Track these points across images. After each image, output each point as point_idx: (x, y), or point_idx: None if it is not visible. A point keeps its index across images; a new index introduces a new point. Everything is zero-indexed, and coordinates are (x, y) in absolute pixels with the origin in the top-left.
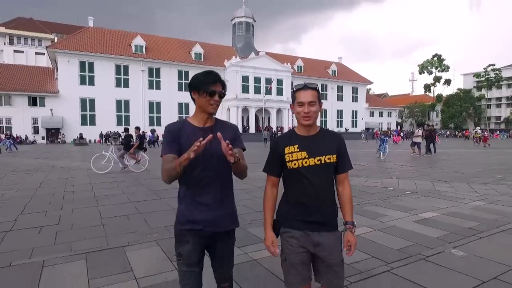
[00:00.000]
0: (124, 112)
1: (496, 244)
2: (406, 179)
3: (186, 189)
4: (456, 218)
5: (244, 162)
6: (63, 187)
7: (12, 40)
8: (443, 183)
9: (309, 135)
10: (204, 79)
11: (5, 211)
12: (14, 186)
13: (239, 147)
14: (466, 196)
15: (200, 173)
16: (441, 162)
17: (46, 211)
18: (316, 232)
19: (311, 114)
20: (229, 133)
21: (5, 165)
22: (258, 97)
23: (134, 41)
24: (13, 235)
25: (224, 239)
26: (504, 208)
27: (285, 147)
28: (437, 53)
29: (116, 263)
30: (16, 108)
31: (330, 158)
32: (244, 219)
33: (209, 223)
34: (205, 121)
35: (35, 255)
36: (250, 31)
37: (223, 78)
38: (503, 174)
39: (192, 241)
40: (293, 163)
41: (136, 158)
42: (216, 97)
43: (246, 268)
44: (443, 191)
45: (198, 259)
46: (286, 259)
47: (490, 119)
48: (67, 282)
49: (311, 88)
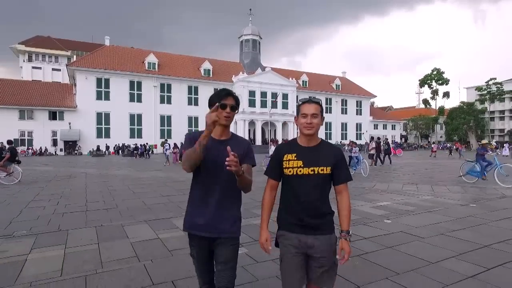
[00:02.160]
0: (137, 125)
1: (416, 218)
2: (382, 182)
3: (193, 194)
4: (402, 205)
5: (249, 178)
6: (105, 187)
7: (31, 57)
8: (411, 185)
9: (308, 146)
10: (218, 93)
11: (74, 201)
12: (66, 186)
13: (249, 162)
14: (422, 193)
15: (207, 180)
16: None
17: (104, 201)
18: (310, 236)
19: (313, 125)
20: (241, 148)
21: (45, 172)
22: (264, 111)
23: (147, 59)
24: (92, 213)
25: (224, 243)
26: (443, 200)
27: (285, 154)
28: (435, 67)
29: (165, 224)
30: (37, 122)
31: (324, 170)
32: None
33: (209, 228)
34: (220, 134)
35: (114, 221)
36: (257, 48)
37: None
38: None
39: (198, 244)
40: (289, 170)
41: (7, 171)
42: (227, 109)
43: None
44: (407, 190)
45: (205, 259)
46: (283, 261)
47: (494, 131)
48: (141, 232)
49: (314, 102)
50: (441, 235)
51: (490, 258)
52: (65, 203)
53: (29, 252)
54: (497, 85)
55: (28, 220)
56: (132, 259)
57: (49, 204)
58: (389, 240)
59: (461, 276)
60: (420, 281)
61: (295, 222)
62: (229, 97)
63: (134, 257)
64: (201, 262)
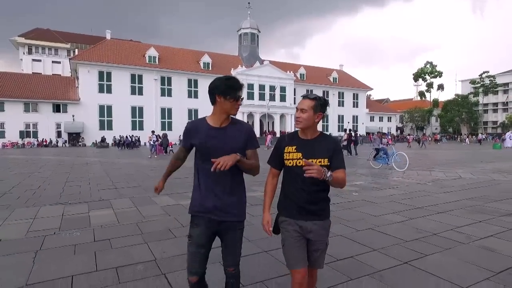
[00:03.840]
0: (138, 117)
1: (379, 192)
2: (363, 168)
3: (201, 179)
4: (371, 184)
5: (252, 162)
6: (121, 172)
7: (31, 50)
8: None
9: (307, 138)
10: (233, 85)
11: (102, 182)
12: (88, 172)
13: (252, 146)
14: (394, 175)
15: (209, 165)
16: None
17: (127, 181)
18: (308, 222)
19: (300, 119)
20: (242, 134)
21: (61, 161)
22: (262, 104)
23: (148, 52)
24: (121, 190)
25: (232, 227)
26: (410, 180)
27: (286, 146)
28: (428, 61)
29: (182, 196)
30: (42, 114)
31: (321, 162)
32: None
33: (218, 211)
34: (222, 122)
35: (141, 194)
36: (255, 41)
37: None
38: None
39: (203, 225)
40: (289, 162)
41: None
42: (240, 102)
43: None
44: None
45: (206, 242)
46: (285, 244)
47: (487, 123)
48: (165, 201)
49: (309, 98)
50: (392, 202)
51: (415, 213)
52: (96, 183)
53: (88, 212)
54: (490, 78)
55: (73, 194)
56: (164, 215)
57: (82, 184)
58: (351, 204)
59: (393, 222)
60: (362, 224)
61: (295, 209)
62: (242, 88)
63: (165, 214)
64: (198, 245)
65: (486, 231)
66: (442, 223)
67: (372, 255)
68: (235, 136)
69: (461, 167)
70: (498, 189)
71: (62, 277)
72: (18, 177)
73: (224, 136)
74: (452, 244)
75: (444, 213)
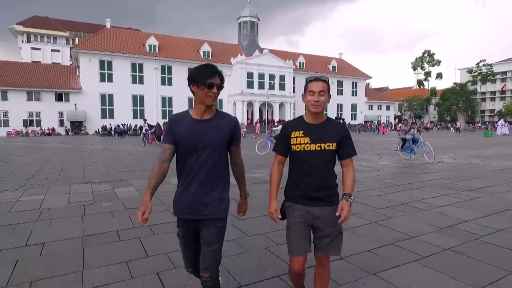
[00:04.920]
0: (139, 106)
1: (366, 173)
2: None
3: (180, 177)
4: (362, 167)
5: (242, 174)
6: (132, 157)
7: (30, 38)
8: (376, 156)
9: (315, 123)
10: (202, 72)
11: (117, 165)
12: (100, 157)
13: (237, 142)
14: (382, 160)
15: (191, 162)
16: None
17: (139, 165)
18: (316, 207)
19: (320, 103)
20: (227, 126)
21: (71, 149)
22: (262, 92)
23: (148, 41)
24: (137, 172)
25: (207, 225)
26: (389, 163)
27: (292, 131)
28: (425, 49)
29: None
30: (44, 103)
31: (330, 146)
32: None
33: (192, 210)
34: (202, 113)
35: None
36: (255, 30)
37: (228, 74)
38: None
39: (184, 226)
40: (296, 147)
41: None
42: (214, 89)
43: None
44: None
45: (190, 241)
46: (289, 229)
47: (484, 112)
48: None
49: (322, 80)
50: (376, 181)
51: (392, 189)
52: (111, 167)
53: (113, 189)
54: (487, 66)
55: (94, 175)
56: None
57: (100, 167)
58: (340, 183)
59: (372, 196)
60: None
61: (303, 194)
62: (216, 75)
63: None
64: (186, 244)
65: (446, 202)
66: (412, 196)
67: (350, 218)
68: (219, 129)
69: (446, 153)
70: (472, 171)
71: (110, 231)
72: (38, 162)
73: (207, 129)
74: (415, 210)
75: (417, 189)
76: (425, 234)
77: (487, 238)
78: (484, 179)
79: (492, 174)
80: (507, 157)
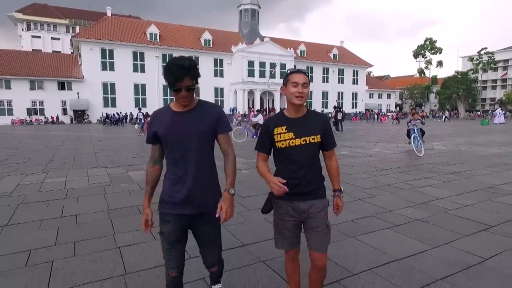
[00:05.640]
0: (141, 95)
1: (359, 159)
2: (351, 141)
3: (168, 172)
4: (356, 154)
5: (232, 168)
6: (140, 142)
7: (29, 26)
8: (371, 143)
9: (296, 117)
10: (169, 76)
11: (126, 152)
12: (108, 145)
13: (224, 130)
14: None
15: (176, 156)
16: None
17: (146, 151)
18: (302, 202)
19: (304, 95)
20: (210, 117)
21: (79, 137)
22: (263, 81)
23: (149, 30)
24: (147, 158)
25: (205, 221)
26: (383, 151)
27: (275, 127)
28: (427, 37)
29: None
30: (47, 92)
31: (314, 139)
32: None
33: (187, 205)
34: (184, 106)
35: None
36: (256, 17)
37: (229, 62)
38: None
39: (173, 221)
40: (281, 143)
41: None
42: (183, 92)
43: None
44: (366, 145)
45: (178, 239)
46: (277, 225)
47: (485, 100)
48: None
49: (303, 72)
50: (366, 166)
51: (380, 173)
52: (121, 153)
53: (126, 172)
54: (488, 54)
55: (106, 161)
56: None
57: (110, 154)
58: None
59: (360, 178)
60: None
61: (290, 190)
62: (185, 78)
63: None
64: (171, 242)
65: (426, 183)
66: (397, 178)
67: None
68: (201, 119)
69: (439, 140)
70: (459, 157)
71: (130, 206)
72: (51, 149)
73: (188, 120)
74: (397, 190)
75: (403, 172)
76: (402, 209)
77: (453, 212)
78: (466, 164)
79: (475, 159)
80: (495, 144)
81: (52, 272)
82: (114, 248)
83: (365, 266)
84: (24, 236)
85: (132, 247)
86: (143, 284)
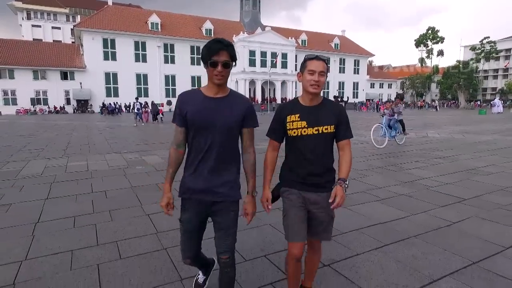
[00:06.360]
0: (143, 84)
1: (355, 145)
2: None
3: (189, 158)
4: (353, 141)
5: (252, 166)
6: (146, 131)
7: (30, 15)
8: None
9: (311, 105)
10: (206, 50)
11: (136, 139)
12: (115, 133)
13: (250, 125)
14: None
15: (202, 142)
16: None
17: (154, 139)
18: (312, 193)
19: (320, 84)
20: (240, 108)
21: (87, 126)
22: (264, 70)
23: (150, 19)
24: (156, 145)
25: (224, 209)
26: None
27: (287, 115)
28: (430, 26)
29: None
30: (50, 82)
31: (328, 129)
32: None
33: (208, 192)
34: (216, 92)
35: None
36: (257, 6)
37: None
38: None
39: (192, 209)
40: (293, 131)
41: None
42: (219, 68)
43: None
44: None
45: (195, 228)
46: (287, 214)
47: (486, 90)
48: None
49: (322, 59)
50: (362, 151)
51: (374, 157)
52: (131, 141)
53: (140, 157)
54: (491, 43)
55: (119, 148)
56: None
57: (120, 141)
58: None
59: (359, 162)
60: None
61: (299, 180)
62: (222, 51)
63: None
64: (190, 230)
65: (415, 166)
66: (389, 161)
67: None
68: (231, 108)
69: (434, 129)
70: (450, 144)
71: (150, 184)
72: (63, 138)
73: (219, 106)
74: (388, 171)
75: (395, 157)
76: (390, 186)
77: (435, 188)
78: (455, 150)
79: (464, 146)
80: (487, 132)
81: (97, 231)
82: (143, 215)
83: (353, 227)
84: (65, 206)
85: (160, 214)
86: (173, 240)
